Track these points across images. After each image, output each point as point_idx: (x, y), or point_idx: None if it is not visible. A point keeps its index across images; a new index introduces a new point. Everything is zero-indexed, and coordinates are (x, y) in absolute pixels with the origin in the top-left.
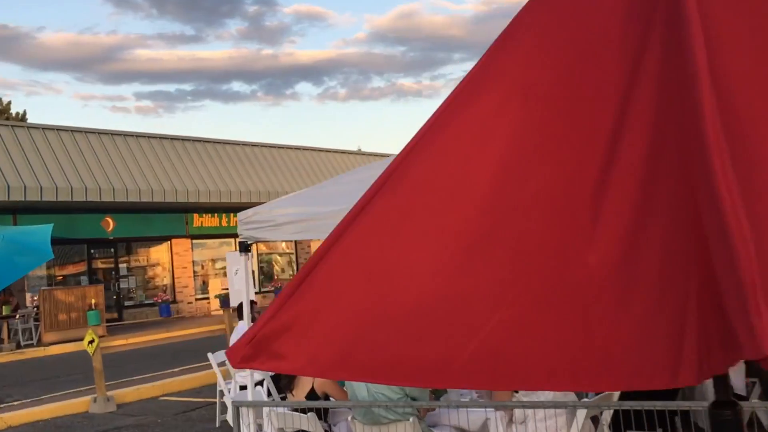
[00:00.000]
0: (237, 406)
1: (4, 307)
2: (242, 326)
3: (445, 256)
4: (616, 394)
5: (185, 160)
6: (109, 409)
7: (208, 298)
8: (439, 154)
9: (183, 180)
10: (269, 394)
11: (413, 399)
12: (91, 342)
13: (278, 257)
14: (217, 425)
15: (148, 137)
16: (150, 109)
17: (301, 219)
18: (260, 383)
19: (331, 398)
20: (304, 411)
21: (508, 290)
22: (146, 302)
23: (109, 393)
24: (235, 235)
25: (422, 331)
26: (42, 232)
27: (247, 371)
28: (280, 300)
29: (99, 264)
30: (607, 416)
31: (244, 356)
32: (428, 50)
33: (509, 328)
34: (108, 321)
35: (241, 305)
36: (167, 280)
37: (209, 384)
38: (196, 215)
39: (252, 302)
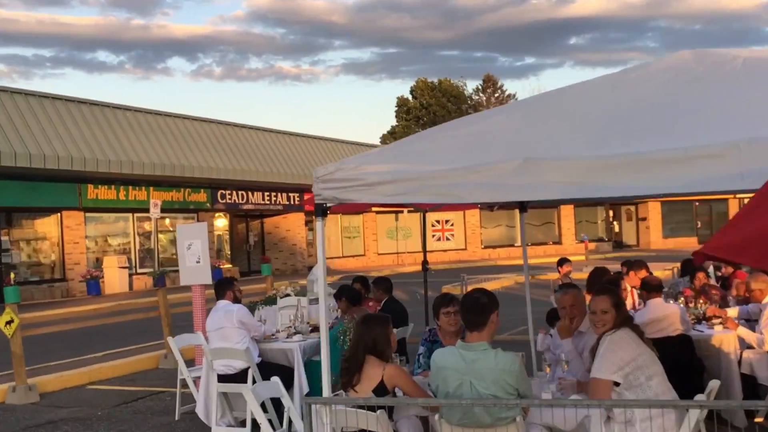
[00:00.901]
0: (309, 404)
1: None
2: (224, 304)
3: None
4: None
5: (81, 124)
6: (31, 400)
7: (102, 277)
8: None
9: (78, 146)
10: (254, 381)
11: (521, 397)
12: (9, 322)
13: (162, 236)
14: (176, 418)
15: (39, 96)
16: (3, 74)
17: (400, 179)
18: (245, 371)
19: (398, 393)
20: (369, 408)
21: None
22: (32, 279)
23: (29, 381)
24: (133, 210)
25: None
26: None
27: (227, 359)
28: None
29: None
30: (703, 414)
31: None
32: (308, 35)
33: None
34: None
35: (221, 282)
36: (55, 256)
37: (142, 371)
38: (90, 186)
39: (233, 279)
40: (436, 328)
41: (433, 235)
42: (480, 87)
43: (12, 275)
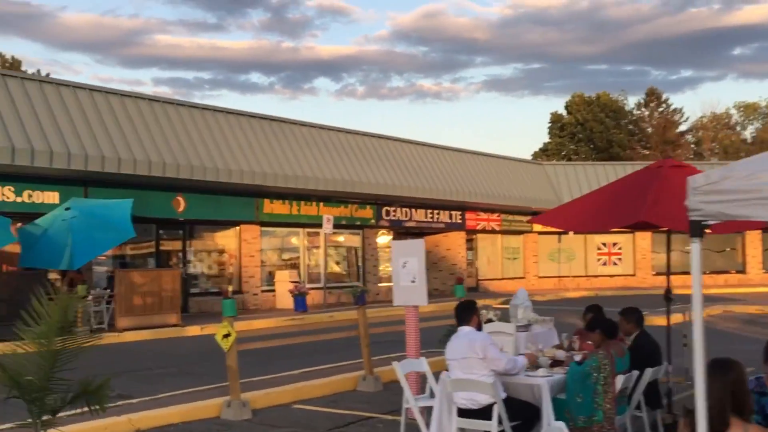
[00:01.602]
0: None
1: (80, 286)
2: (467, 331)
3: None
4: None
5: (261, 139)
6: (244, 416)
7: (273, 291)
8: None
9: (259, 160)
10: (499, 421)
11: None
12: (226, 336)
13: (332, 251)
14: None
15: (226, 113)
16: (167, 95)
17: None
18: (489, 407)
19: None
20: None
21: None
22: (212, 291)
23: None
24: (303, 225)
25: None
26: (122, 207)
27: (470, 392)
28: None
29: (167, 246)
30: None
31: None
32: (450, 52)
33: None
34: None
35: (465, 306)
36: (234, 269)
37: (341, 392)
38: (267, 201)
39: (475, 303)
40: (763, 377)
41: (599, 259)
42: (642, 101)
43: (229, 288)
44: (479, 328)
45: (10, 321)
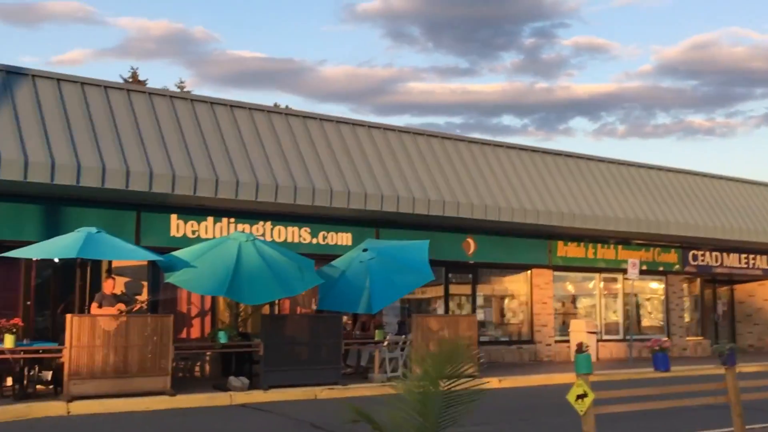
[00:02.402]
0: None
1: (377, 331)
2: None
3: None
4: None
5: (555, 176)
6: None
7: (568, 341)
8: None
9: (553, 198)
10: None
11: None
12: (581, 396)
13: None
14: None
15: (519, 149)
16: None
17: None
18: None
19: None
20: None
21: None
22: (502, 339)
23: None
24: (599, 270)
25: None
26: (419, 249)
27: None
28: None
29: (454, 290)
30: None
31: None
32: (724, 84)
33: None
34: None
35: None
36: (524, 316)
37: None
38: (560, 243)
39: None
40: None
41: None
42: None
43: (584, 343)
44: None
45: (312, 365)
